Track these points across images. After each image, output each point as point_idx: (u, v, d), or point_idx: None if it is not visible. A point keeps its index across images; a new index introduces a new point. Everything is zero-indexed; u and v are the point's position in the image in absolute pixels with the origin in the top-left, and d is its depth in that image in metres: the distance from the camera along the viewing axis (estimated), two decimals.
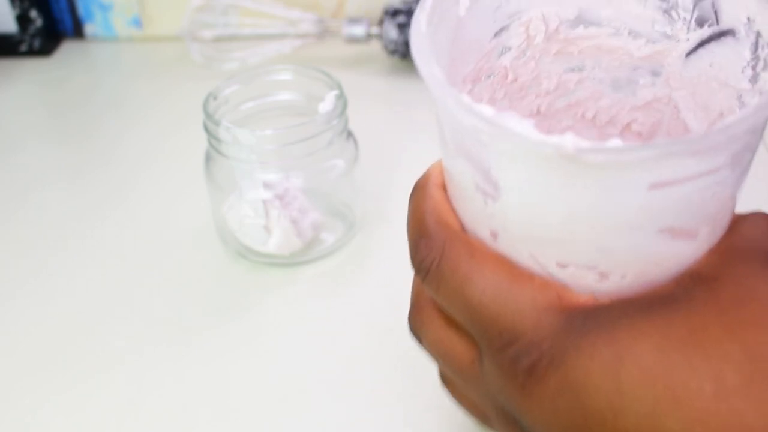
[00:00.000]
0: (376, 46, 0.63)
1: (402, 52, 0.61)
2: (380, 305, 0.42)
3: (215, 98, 0.44)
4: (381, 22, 0.61)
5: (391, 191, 0.49)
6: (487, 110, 0.21)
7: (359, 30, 0.62)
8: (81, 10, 0.69)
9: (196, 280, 0.44)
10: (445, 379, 0.29)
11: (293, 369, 0.38)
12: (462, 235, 0.25)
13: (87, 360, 0.39)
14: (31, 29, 0.67)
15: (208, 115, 0.42)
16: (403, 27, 0.60)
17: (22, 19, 0.66)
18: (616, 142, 0.20)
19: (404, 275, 0.44)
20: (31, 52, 0.68)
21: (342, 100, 0.43)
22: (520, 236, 0.24)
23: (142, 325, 0.41)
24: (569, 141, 0.20)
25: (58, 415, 0.37)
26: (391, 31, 0.60)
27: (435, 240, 0.25)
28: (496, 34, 0.28)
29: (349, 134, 0.45)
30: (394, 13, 0.60)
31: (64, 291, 0.44)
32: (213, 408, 0.37)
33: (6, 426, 0.36)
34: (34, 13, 0.66)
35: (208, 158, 0.44)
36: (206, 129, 0.42)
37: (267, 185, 0.42)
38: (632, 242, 0.22)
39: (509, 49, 0.29)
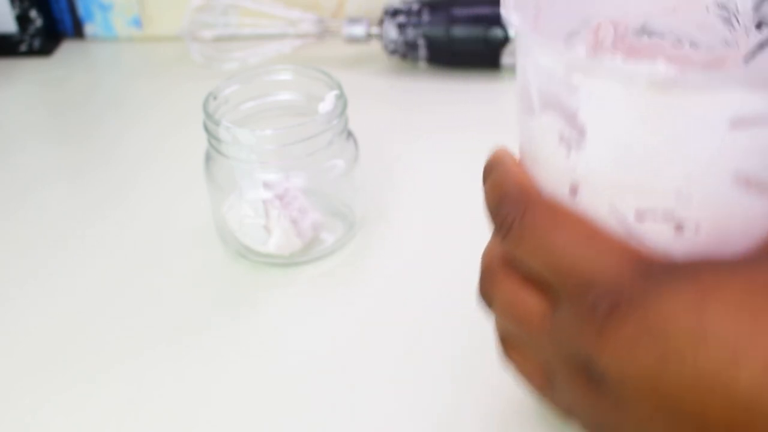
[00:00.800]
0: (376, 46, 0.63)
1: (402, 52, 0.61)
2: (380, 305, 0.42)
3: (215, 98, 0.44)
4: (381, 22, 0.61)
5: (391, 191, 0.49)
6: (579, 49, 0.25)
7: (359, 30, 0.62)
8: (81, 10, 0.69)
9: (196, 280, 0.44)
10: (507, 344, 0.29)
11: (293, 369, 0.38)
12: (543, 196, 0.26)
13: (87, 360, 0.39)
14: (31, 29, 0.67)
15: (208, 115, 0.42)
16: (403, 27, 0.60)
17: (22, 19, 0.66)
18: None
19: (404, 275, 0.44)
20: (31, 52, 0.68)
21: (342, 100, 0.43)
22: (602, 184, 0.25)
23: (142, 324, 0.41)
24: (661, 67, 0.22)
25: (58, 415, 0.37)
26: (391, 31, 0.60)
27: (517, 199, 0.26)
28: (569, 36, 0.29)
29: (349, 134, 0.45)
30: (394, 13, 0.60)
31: (64, 291, 0.44)
32: (213, 408, 0.37)
33: (6, 426, 0.36)
34: (34, 13, 0.66)
35: (208, 158, 0.44)
36: (206, 129, 0.42)
37: (267, 185, 0.42)
38: (708, 188, 0.23)
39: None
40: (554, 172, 0.26)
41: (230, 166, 0.42)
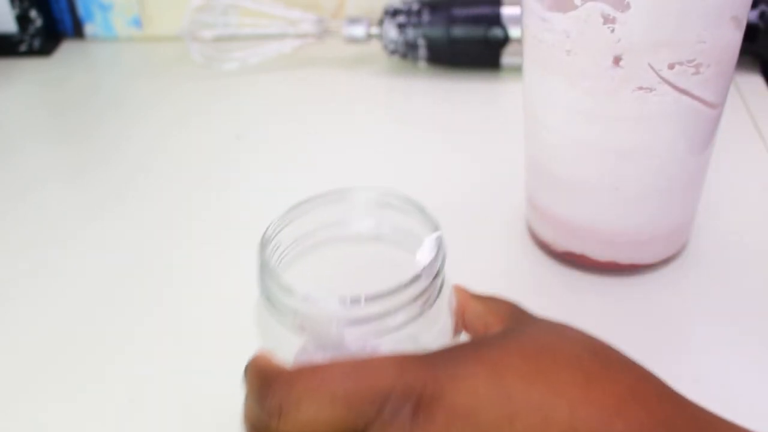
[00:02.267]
0: (376, 46, 0.63)
1: (402, 52, 0.61)
2: None
3: (270, 241, 0.29)
4: (381, 22, 0.61)
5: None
6: None
7: (359, 30, 0.62)
8: (81, 10, 0.69)
9: (196, 280, 0.44)
10: None
11: None
12: (291, 366, 0.26)
13: (87, 360, 0.39)
14: (31, 29, 0.67)
15: (270, 272, 0.28)
16: (403, 27, 0.60)
17: (22, 19, 0.67)
18: None
19: None
20: (31, 52, 0.68)
21: (442, 246, 0.29)
22: (642, 48, 0.32)
23: (141, 324, 0.41)
24: None
25: (58, 415, 0.37)
26: (391, 31, 0.60)
27: (279, 380, 0.26)
28: None
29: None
30: (394, 13, 0.60)
31: (63, 291, 0.44)
32: (213, 409, 0.37)
33: (6, 426, 0.36)
34: (34, 13, 0.66)
35: (259, 314, 0.31)
36: (265, 293, 0.29)
37: None
38: (716, 29, 0.33)
39: None
40: (596, 51, 0.33)
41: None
